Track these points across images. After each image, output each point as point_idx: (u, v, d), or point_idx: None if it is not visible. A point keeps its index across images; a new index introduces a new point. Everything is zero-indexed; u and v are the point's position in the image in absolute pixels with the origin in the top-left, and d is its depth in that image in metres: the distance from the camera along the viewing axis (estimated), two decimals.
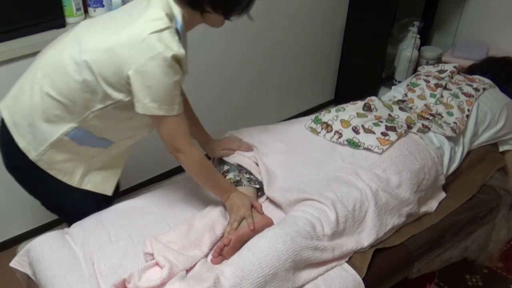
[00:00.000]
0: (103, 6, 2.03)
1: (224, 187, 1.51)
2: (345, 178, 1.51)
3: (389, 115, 1.75)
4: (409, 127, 1.67)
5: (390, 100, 1.92)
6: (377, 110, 1.77)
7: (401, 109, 1.79)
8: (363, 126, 1.66)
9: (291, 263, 1.28)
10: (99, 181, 1.56)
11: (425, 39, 3.13)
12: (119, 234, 1.47)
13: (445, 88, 1.91)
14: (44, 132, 1.40)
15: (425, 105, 1.83)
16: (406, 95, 1.91)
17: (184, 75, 1.35)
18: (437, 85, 1.89)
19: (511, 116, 1.90)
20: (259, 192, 1.63)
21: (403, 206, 1.51)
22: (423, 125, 1.69)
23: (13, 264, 1.49)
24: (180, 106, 1.34)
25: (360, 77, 3.14)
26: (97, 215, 1.55)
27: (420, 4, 3.09)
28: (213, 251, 1.39)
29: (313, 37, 2.96)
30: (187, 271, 1.35)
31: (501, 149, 1.93)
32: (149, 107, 1.29)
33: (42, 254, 1.41)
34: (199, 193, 1.66)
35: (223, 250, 1.37)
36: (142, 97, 1.28)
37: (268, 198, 1.62)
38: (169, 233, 1.44)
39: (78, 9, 1.98)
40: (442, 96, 1.86)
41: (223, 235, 1.45)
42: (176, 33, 1.29)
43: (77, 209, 1.58)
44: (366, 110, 1.76)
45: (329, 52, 3.13)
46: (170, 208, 1.58)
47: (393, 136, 1.60)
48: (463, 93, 1.88)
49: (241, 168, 1.65)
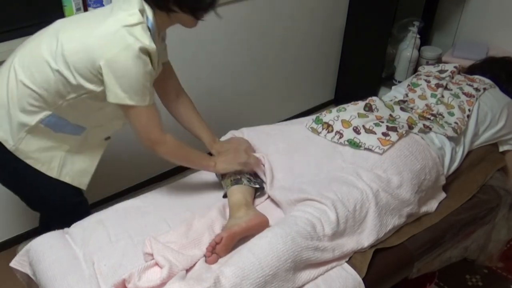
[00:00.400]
0: (103, 6, 2.03)
1: (205, 160, 1.58)
2: (345, 178, 1.51)
3: (390, 115, 1.75)
4: (410, 128, 1.67)
5: (391, 100, 1.92)
6: (378, 110, 1.77)
7: (402, 109, 1.79)
8: (364, 126, 1.66)
9: (291, 263, 1.28)
10: (76, 174, 1.59)
11: (425, 39, 3.13)
12: (119, 234, 1.48)
13: (446, 88, 1.91)
14: (20, 120, 1.43)
15: (426, 105, 1.83)
16: (407, 95, 1.91)
17: (155, 71, 1.40)
18: (438, 85, 1.89)
19: (511, 116, 1.90)
20: (258, 192, 1.63)
21: (404, 206, 1.51)
22: (424, 125, 1.69)
23: (13, 264, 1.49)
24: (151, 97, 1.38)
25: (360, 77, 3.14)
26: (97, 215, 1.55)
27: (420, 4, 3.09)
28: (206, 249, 1.39)
29: (313, 37, 2.96)
30: (187, 270, 1.35)
31: (501, 149, 1.93)
32: (121, 97, 1.34)
33: (42, 254, 1.41)
34: (199, 193, 1.66)
35: (215, 248, 1.37)
36: (113, 87, 1.33)
37: (268, 197, 1.62)
38: (168, 233, 1.44)
39: (78, 9, 1.98)
40: (443, 96, 1.86)
41: None
42: (148, 30, 1.34)
43: (57, 201, 1.60)
44: (367, 110, 1.76)
45: (329, 52, 3.13)
46: (170, 208, 1.58)
47: (394, 136, 1.60)
48: (464, 93, 1.88)
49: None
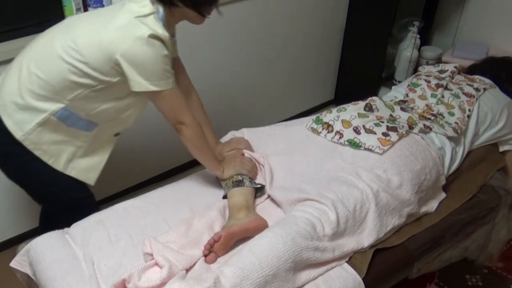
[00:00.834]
0: (103, 6, 2.03)
1: (217, 161, 1.62)
2: (345, 178, 1.51)
3: (391, 115, 1.75)
4: (411, 128, 1.67)
5: (391, 100, 1.92)
6: (378, 110, 1.77)
7: (402, 109, 1.79)
8: (364, 126, 1.66)
9: (291, 263, 1.28)
10: (83, 169, 1.59)
11: (425, 39, 3.13)
12: (119, 234, 1.48)
13: (446, 88, 1.91)
14: (32, 111, 1.44)
15: (427, 105, 1.83)
16: (407, 95, 1.91)
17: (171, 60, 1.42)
18: (438, 85, 1.89)
19: (511, 116, 1.90)
20: (258, 192, 1.63)
21: (404, 206, 1.51)
22: (424, 125, 1.69)
23: (13, 264, 1.49)
24: (173, 79, 1.42)
25: (360, 77, 3.14)
26: (97, 215, 1.55)
27: (420, 4, 3.09)
28: (204, 247, 1.39)
29: (313, 37, 2.96)
30: (187, 270, 1.35)
31: (501, 149, 1.93)
32: (145, 85, 1.37)
33: (42, 254, 1.41)
34: (199, 193, 1.66)
35: (213, 246, 1.38)
36: (135, 77, 1.36)
37: (268, 197, 1.62)
38: (168, 233, 1.44)
39: (78, 9, 1.98)
40: (443, 96, 1.86)
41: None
42: (159, 20, 1.37)
43: (61, 195, 1.61)
44: (367, 110, 1.76)
45: (329, 52, 3.13)
46: (170, 208, 1.58)
47: (394, 136, 1.60)
48: (464, 93, 1.88)
49: None
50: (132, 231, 1.48)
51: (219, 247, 1.37)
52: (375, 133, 1.63)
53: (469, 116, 1.80)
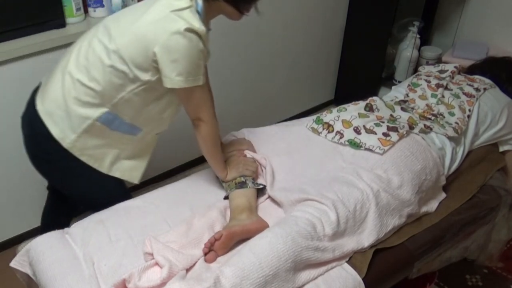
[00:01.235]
0: (103, 6, 2.03)
1: (224, 165, 1.62)
2: (346, 178, 1.51)
3: (391, 115, 1.75)
4: (411, 128, 1.67)
5: (391, 100, 1.92)
6: (378, 110, 1.77)
7: (403, 109, 1.79)
8: (364, 126, 1.66)
9: (291, 263, 1.28)
10: (127, 169, 1.60)
11: (425, 39, 3.13)
12: (119, 234, 1.47)
13: (446, 88, 1.91)
14: (77, 118, 1.44)
15: (427, 105, 1.83)
16: (407, 95, 1.91)
17: (207, 55, 1.42)
18: (438, 85, 1.89)
19: (511, 116, 1.90)
20: (259, 192, 1.63)
21: (404, 206, 1.51)
22: (425, 125, 1.69)
23: (13, 264, 1.49)
24: (204, 76, 1.40)
25: (360, 77, 3.14)
26: (97, 215, 1.55)
27: (420, 4, 3.09)
28: (204, 245, 1.39)
29: (313, 37, 2.96)
30: (187, 270, 1.35)
31: (501, 149, 1.93)
32: (177, 81, 1.36)
33: (42, 254, 1.41)
34: (199, 193, 1.66)
35: (213, 244, 1.38)
36: (169, 72, 1.34)
37: (269, 197, 1.62)
38: (168, 232, 1.44)
39: (78, 9, 1.98)
40: (443, 96, 1.86)
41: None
42: (197, 13, 1.35)
43: (103, 196, 1.62)
44: (367, 110, 1.76)
45: (329, 52, 3.13)
46: (170, 208, 1.58)
47: (394, 136, 1.60)
48: (464, 93, 1.88)
49: None
50: (132, 231, 1.48)
51: (219, 245, 1.37)
52: (376, 133, 1.63)
53: (469, 116, 1.80)
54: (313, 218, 1.37)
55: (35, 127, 1.48)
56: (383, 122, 1.68)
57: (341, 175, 1.53)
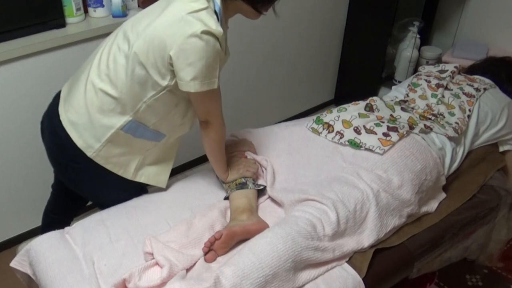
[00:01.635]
0: (103, 6, 2.03)
1: (225, 170, 1.61)
2: (346, 178, 1.51)
3: (391, 115, 1.75)
4: (411, 128, 1.67)
5: (392, 100, 1.92)
6: (379, 110, 1.77)
7: (403, 109, 1.79)
8: (364, 126, 1.66)
9: (291, 263, 1.28)
10: (153, 174, 1.60)
11: (425, 39, 3.13)
12: (119, 234, 1.47)
13: (446, 88, 1.91)
14: (101, 128, 1.44)
15: (427, 105, 1.83)
16: (407, 95, 1.91)
17: (225, 56, 1.41)
18: (438, 85, 1.89)
19: (511, 116, 1.90)
20: (259, 193, 1.63)
21: (404, 207, 1.51)
22: (425, 125, 1.69)
23: (13, 264, 1.49)
24: (218, 79, 1.39)
25: (360, 77, 3.14)
26: (98, 215, 1.55)
27: (420, 4, 3.10)
28: (204, 244, 1.39)
29: (313, 37, 2.96)
30: (187, 270, 1.35)
31: (501, 149, 1.93)
32: (192, 85, 1.34)
33: (42, 254, 1.41)
34: (199, 193, 1.66)
35: (213, 244, 1.38)
36: (184, 75, 1.32)
37: (269, 197, 1.62)
38: (169, 232, 1.44)
39: (78, 9, 1.98)
40: (443, 96, 1.86)
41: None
42: (214, 14, 1.33)
43: (121, 200, 1.61)
44: (368, 110, 1.76)
45: (329, 52, 3.13)
46: (170, 208, 1.58)
47: (394, 136, 1.60)
48: (464, 93, 1.88)
49: None
50: (132, 231, 1.48)
51: (219, 245, 1.38)
52: (376, 133, 1.63)
53: (469, 116, 1.80)
54: (313, 218, 1.37)
55: (60, 137, 1.48)
56: (383, 122, 1.68)
57: (341, 175, 1.53)
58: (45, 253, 1.41)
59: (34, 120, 1.83)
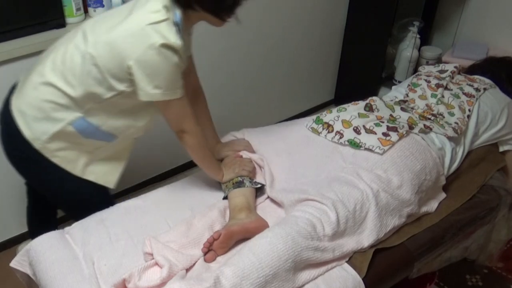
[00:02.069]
0: (103, 6, 2.03)
1: (218, 168, 1.62)
2: (346, 178, 1.51)
3: (391, 115, 1.75)
4: (411, 128, 1.67)
5: (391, 100, 1.92)
6: (378, 110, 1.77)
7: (402, 109, 1.79)
8: (364, 126, 1.66)
9: (291, 263, 1.28)
10: (102, 173, 1.58)
11: (425, 39, 3.13)
12: (119, 234, 1.48)
13: (446, 88, 1.91)
14: (50, 120, 1.44)
15: (427, 105, 1.83)
16: (407, 95, 1.91)
17: (183, 66, 1.39)
18: (438, 85, 1.89)
19: (511, 116, 1.90)
20: (258, 192, 1.63)
21: (404, 206, 1.51)
22: (424, 125, 1.69)
23: (13, 264, 1.49)
24: (182, 89, 1.39)
25: (360, 77, 3.14)
26: (98, 215, 1.55)
27: (420, 4, 3.09)
28: (203, 245, 1.39)
29: (313, 37, 2.96)
30: (187, 270, 1.35)
31: (501, 149, 1.93)
32: (153, 94, 1.35)
33: (42, 254, 1.41)
34: (199, 193, 1.66)
35: (212, 244, 1.38)
36: (144, 85, 1.33)
37: (268, 197, 1.62)
38: (168, 232, 1.44)
39: (78, 9, 1.98)
40: (443, 96, 1.86)
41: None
42: (174, 25, 1.32)
43: (78, 199, 1.60)
44: (367, 110, 1.76)
45: (329, 52, 3.13)
46: (170, 208, 1.58)
47: (394, 136, 1.60)
48: (464, 93, 1.88)
49: None
50: (132, 231, 1.48)
51: (218, 245, 1.38)
52: (375, 133, 1.63)
53: (469, 116, 1.80)
54: (313, 218, 1.37)
55: (9, 126, 1.47)
56: (383, 122, 1.68)
57: (341, 175, 1.53)
58: (45, 253, 1.41)
59: None
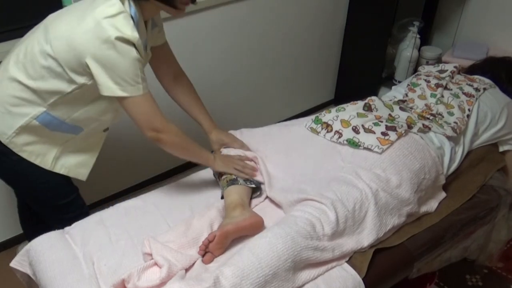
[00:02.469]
0: None
1: (206, 153, 1.58)
2: (345, 178, 1.51)
3: (390, 115, 1.75)
4: (410, 127, 1.67)
5: (390, 100, 1.92)
6: (377, 110, 1.77)
7: (401, 109, 1.79)
8: (363, 126, 1.66)
9: (291, 263, 1.28)
10: (73, 165, 1.58)
11: (425, 39, 3.13)
12: (119, 234, 1.48)
13: (446, 88, 1.91)
14: (14, 115, 1.44)
15: (426, 105, 1.83)
16: (406, 95, 1.91)
17: (144, 59, 1.38)
18: (438, 85, 1.89)
19: (511, 116, 1.90)
20: (257, 192, 1.63)
21: (403, 206, 1.51)
22: (423, 125, 1.69)
23: (13, 264, 1.49)
24: (145, 84, 1.35)
25: (360, 77, 3.14)
26: (97, 215, 1.55)
27: (420, 4, 3.09)
28: (199, 248, 1.39)
29: (313, 37, 2.96)
30: (186, 270, 1.35)
31: (501, 149, 1.93)
32: (113, 89, 1.32)
33: (42, 254, 1.41)
34: (198, 193, 1.66)
35: (208, 246, 1.37)
36: (104, 81, 1.32)
37: (267, 197, 1.62)
38: (167, 232, 1.44)
39: None
40: (442, 96, 1.86)
41: None
42: (131, 18, 1.31)
43: (48, 195, 1.60)
44: (366, 110, 1.76)
45: (329, 52, 3.14)
46: (170, 208, 1.58)
47: (393, 135, 1.60)
48: (464, 93, 1.88)
49: None
50: (132, 231, 1.49)
51: (214, 246, 1.37)
52: (374, 133, 1.63)
53: (468, 116, 1.80)
54: (313, 217, 1.37)
55: None
56: (382, 121, 1.68)
57: (340, 175, 1.53)
58: (45, 253, 1.41)
59: None
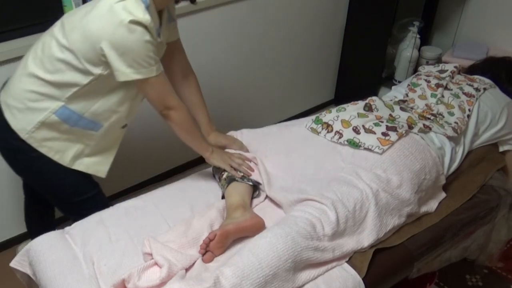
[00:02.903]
0: None
1: (206, 144, 1.63)
2: (345, 178, 1.51)
3: (390, 115, 1.75)
4: (410, 127, 1.67)
5: (391, 100, 1.92)
6: (378, 110, 1.77)
7: (402, 109, 1.79)
8: (363, 126, 1.66)
9: (291, 263, 1.28)
10: (92, 162, 1.60)
11: (425, 39, 3.13)
12: (119, 234, 1.48)
13: (446, 88, 1.91)
14: (34, 110, 1.46)
15: (426, 105, 1.83)
16: (407, 95, 1.91)
17: (159, 43, 1.42)
18: (438, 85, 1.89)
19: (511, 116, 1.90)
20: (256, 191, 1.63)
21: (404, 206, 1.51)
22: (424, 125, 1.69)
23: (13, 264, 1.49)
24: (158, 65, 1.40)
25: (360, 77, 3.14)
26: (97, 215, 1.55)
27: (420, 4, 3.09)
28: (200, 246, 1.39)
29: (313, 37, 2.96)
30: (186, 270, 1.35)
31: (501, 149, 1.93)
32: (128, 73, 1.36)
33: (42, 254, 1.41)
34: (199, 193, 1.66)
35: (208, 245, 1.38)
36: (119, 66, 1.35)
37: (267, 197, 1.62)
38: (167, 232, 1.44)
39: None
40: (443, 96, 1.86)
41: None
42: (142, 2, 1.34)
43: (68, 192, 1.61)
44: (367, 110, 1.76)
45: (329, 52, 3.14)
46: (170, 208, 1.58)
47: (393, 136, 1.60)
48: (464, 93, 1.88)
49: None
50: (132, 231, 1.49)
51: (214, 245, 1.38)
52: (375, 133, 1.63)
53: (469, 116, 1.80)
54: (313, 218, 1.37)
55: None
56: (382, 121, 1.68)
57: (340, 175, 1.53)
58: (45, 253, 1.41)
59: None
